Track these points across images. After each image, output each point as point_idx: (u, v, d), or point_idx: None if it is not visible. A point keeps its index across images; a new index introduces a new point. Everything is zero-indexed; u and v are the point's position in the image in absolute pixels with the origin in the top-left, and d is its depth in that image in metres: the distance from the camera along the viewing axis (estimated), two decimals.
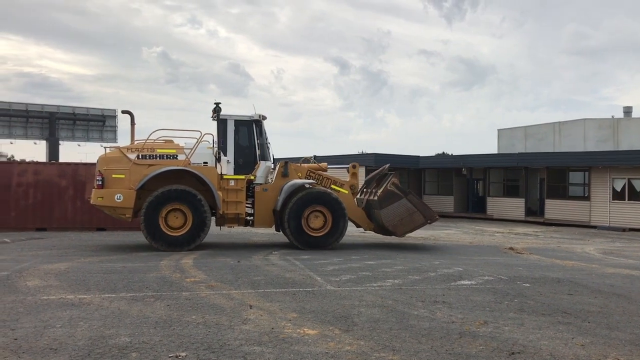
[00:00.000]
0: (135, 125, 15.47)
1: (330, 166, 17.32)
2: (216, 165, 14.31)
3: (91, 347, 5.48)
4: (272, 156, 15.45)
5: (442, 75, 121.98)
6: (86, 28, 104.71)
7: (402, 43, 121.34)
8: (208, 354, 5.37)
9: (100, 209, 14.51)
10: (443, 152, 60.63)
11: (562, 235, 21.82)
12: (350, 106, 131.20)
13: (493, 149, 43.43)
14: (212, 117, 14.93)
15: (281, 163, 15.23)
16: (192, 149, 14.08)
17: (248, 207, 14.76)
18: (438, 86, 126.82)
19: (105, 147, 15.00)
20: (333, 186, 15.50)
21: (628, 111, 43.11)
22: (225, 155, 14.64)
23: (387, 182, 15.27)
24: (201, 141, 14.20)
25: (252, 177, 14.79)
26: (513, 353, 5.64)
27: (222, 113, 14.84)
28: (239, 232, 19.07)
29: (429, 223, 15.75)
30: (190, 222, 13.59)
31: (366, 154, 33.72)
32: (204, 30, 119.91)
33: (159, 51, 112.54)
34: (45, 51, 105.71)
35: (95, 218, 18.60)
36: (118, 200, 13.48)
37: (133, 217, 14.01)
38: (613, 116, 39.56)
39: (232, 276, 9.93)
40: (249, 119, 15.00)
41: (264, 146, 15.09)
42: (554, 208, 27.23)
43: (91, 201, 14.02)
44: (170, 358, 5.25)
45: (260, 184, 14.85)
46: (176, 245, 13.50)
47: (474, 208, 31.69)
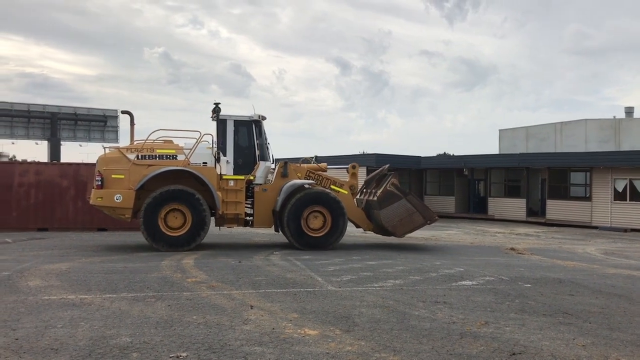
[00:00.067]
0: (134, 125, 15.48)
1: (329, 166, 17.32)
2: (216, 165, 14.32)
3: (92, 347, 5.49)
4: (272, 156, 15.45)
5: (444, 75, 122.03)
6: (88, 28, 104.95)
7: (404, 43, 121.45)
8: (209, 354, 5.37)
9: (100, 209, 14.53)
10: (444, 153, 60.67)
11: (564, 235, 21.81)
12: (351, 107, 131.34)
13: (494, 150, 43.44)
14: (212, 118, 14.93)
15: (280, 163, 15.24)
16: (192, 149, 14.09)
17: (247, 208, 14.76)
18: (439, 87, 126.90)
19: (104, 148, 15.01)
20: (332, 186, 15.49)
21: (630, 112, 43.06)
22: (224, 155, 14.63)
23: (387, 183, 15.27)
24: (200, 141, 14.21)
25: (252, 178, 14.80)
26: (514, 354, 5.64)
27: (222, 113, 14.83)
28: (240, 233, 19.08)
29: (429, 224, 15.75)
30: (189, 222, 13.60)
31: (367, 155, 33.70)
32: (206, 30, 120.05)
33: (161, 51, 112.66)
34: (46, 51, 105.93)
35: (96, 218, 18.62)
36: (117, 200, 13.49)
37: (132, 218, 14.02)
38: (615, 117, 39.51)
39: (233, 276, 9.94)
40: (249, 119, 15.01)
41: (264, 146, 15.09)
42: (556, 208, 27.22)
43: (90, 201, 14.04)
44: (171, 358, 5.25)
45: (259, 184, 14.85)
46: (176, 245, 13.50)
47: (475, 208, 31.67)
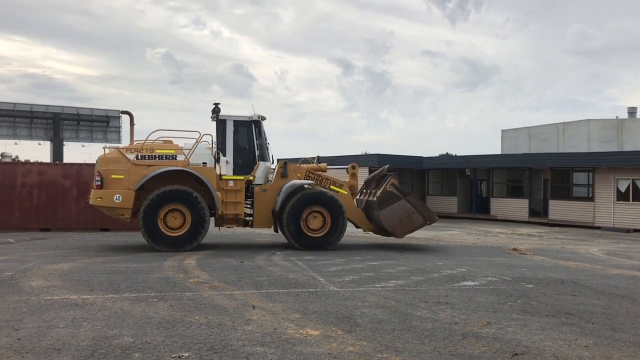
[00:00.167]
0: (134, 125, 15.52)
1: (330, 167, 17.31)
2: (215, 165, 14.30)
3: (94, 348, 5.50)
4: (272, 157, 15.44)
5: (446, 75, 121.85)
6: (90, 29, 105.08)
7: (406, 44, 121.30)
8: (211, 355, 5.37)
9: (100, 210, 14.51)
10: (447, 153, 60.56)
11: (566, 236, 21.77)
12: (353, 107, 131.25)
13: (497, 150, 43.38)
14: (211, 118, 14.92)
15: (280, 164, 15.22)
16: (191, 150, 14.08)
17: (247, 208, 14.75)
18: (442, 87, 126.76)
19: (104, 148, 15.01)
20: (332, 187, 15.48)
21: (632, 112, 42.97)
22: (224, 155, 14.63)
23: (386, 183, 15.25)
24: (200, 142, 14.20)
25: (251, 178, 14.79)
26: (516, 354, 5.63)
27: (221, 113, 14.82)
28: (242, 233, 19.09)
29: (428, 224, 15.72)
30: (189, 222, 13.58)
31: (369, 155, 33.64)
32: (208, 31, 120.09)
33: (163, 52, 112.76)
34: (49, 52, 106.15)
35: (98, 218, 18.63)
36: (117, 200, 13.49)
37: (132, 218, 14.00)
38: (617, 117, 39.43)
39: (235, 277, 9.94)
40: (248, 120, 15.00)
41: (263, 147, 15.08)
42: (558, 209, 27.17)
43: (90, 201, 14.02)
44: (173, 358, 5.25)
45: (259, 185, 14.85)
46: (175, 245, 13.48)
47: (478, 209, 31.63)
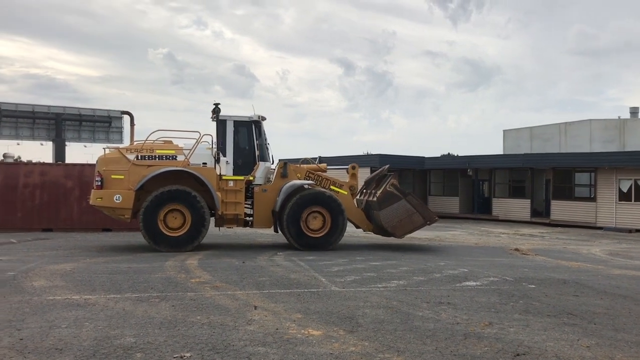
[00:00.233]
0: (134, 126, 15.50)
1: (331, 167, 17.29)
2: (215, 166, 14.30)
3: (96, 348, 5.51)
4: (272, 157, 15.43)
5: (448, 76, 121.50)
6: (92, 29, 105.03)
7: (407, 44, 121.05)
8: (213, 355, 5.38)
9: (100, 210, 14.47)
10: (449, 153, 60.45)
11: (568, 236, 21.74)
12: (355, 107, 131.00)
13: (498, 150, 43.33)
14: (212, 118, 14.92)
15: (280, 164, 15.21)
16: (191, 150, 14.08)
17: (247, 208, 14.74)
18: (443, 87, 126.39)
19: (104, 148, 15.01)
20: (332, 187, 15.46)
21: (634, 112, 42.87)
22: (224, 156, 14.62)
23: (386, 183, 15.22)
24: (200, 142, 14.20)
25: (251, 178, 14.78)
26: (518, 354, 5.62)
27: (222, 114, 14.81)
28: (244, 233, 19.09)
29: (428, 224, 15.70)
30: (189, 222, 13.57)
31: (371, 155, 33.65)
32: (209, 31, 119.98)
33: (165, 52, 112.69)
34: (51, 52, 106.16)
35: (101, 219, 18.60)
36: (117, 201, 13.48)
37: (132, 218, 14.00)
38: (619, 117, 39.39)
39: (237, 277, 9.95)
40: (248, 120, 14.99)
41: (263, 147, 15.06)
42: (560, 209, 27.13)
43: (90, 202, 14.02)
44: (175, 358, 5.26)
45: (259, 185, 14.85)
46: (175, 245, 13.47)
47: (480, 209, 31.62)
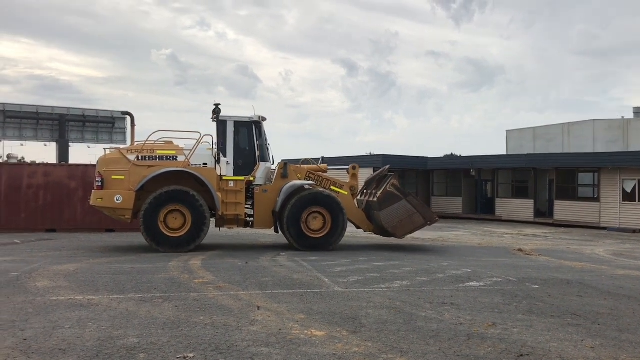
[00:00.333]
0: (135, 126, 15.52)
1: (332, 167, 17.26)
2: (216, 166, 14.29)
3: (100, 348, 5.51)
4: (272, 157, 15.42)
5: (450, 76, 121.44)
6: (96, 31, 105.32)
7: (410, 44, 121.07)
8: (216, 355, 5.38)
9: (100, 210, 14.44)
10: (452, 154, 60.46)
11: (572, 236, 21.68)
12: (358, 108, 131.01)
13: (501, 150, 43.28)
14: (212, 119, 14.91)
15: (280, 164, 15.19)
16: (192, 150, 14.08)
17: (248, 209, 14.74)
18: (446, 87, 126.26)
19: (105, 149, 15.03)
20: (333, 187, 15.42)
21: (638, 112, 42.78)
22: (224, 156, 14.62)
23: (387, 184, 15.20)
24: (201, 142, 14.21)
25: (252, 179, 14.77)
26: (522, 355, 5.61)
27: (222, 114, 14.81)
28: (247, 234, 19.10)
29: (429, 224, 15.67)
30: (189, 223, 13.56)
31: (374, 156, 33.63)
32: (213, 32, 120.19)
33: (168, 53, 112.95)
34: (55, 54, 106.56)
35: (104, 219, 18.58)
36: (117, 201, 13.49)
37: (133, 219, 14.01)
38: (623, 117, 39.29)
39: (240, 277, 9.95)
40: (249, 120, 14.99)
41: (264, 147, 15.06)
42: (563, 209, 27.07)
43: (91, 202, 14.02)
44: (178, 359, 5.26)
45: (259, 185, 14.84)
46: (176, 246, 13.46)
47: (483, 209, 31.55)
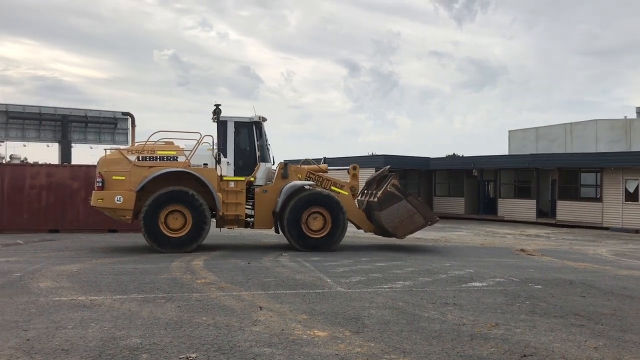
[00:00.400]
0: (135, 127, 15.52)
1: (333, 168, 17.23)
2: (216, 166, 14.30)
3: (102, 348, 5.51)
4: (272, 158, 15.41)
5: (453, 76, 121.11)
6: (98, 31, 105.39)
7: (412, 44, 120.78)
8: (218, 355, 5.38)
9: (101, 211, 14.40)
10: (454, 154, 60.40)
11: (574, 236, 21.65)
12: (360, 108, 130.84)
13: (504, 151, 43.25)
14: (212, 119, 14.91)
15: (280, 164, 15.18)
16: (192, 151, 14.09)
17: (248, 209, 14.75)
18: (448, 87, 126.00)
19: (105, 149, 15.05)
20: (333, 188, 15.40)
21: None
22: (225, 156, 14.63)
23: (387, 184, 15.20)
24: (201, 143, 14.21)
25: (252, 179, 14.77)
26: (525, 355, 5.59)
27: (222, 115, 14.81)
28: (249, 234, 19.10)
29: (429, 224, 15.66)
30: (189, 223, 13.56)
31: (376, 156, 33.62)
32: (215, 33, 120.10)
33: (170, 54, 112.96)
34: (57, 54, 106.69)
35: (107, 220, 18.56)
36: (118, 202, 13.49)
37: (133, 219, 14.01)
38: (626, 117, 39.21)
39: (243, 277, 9.95)
40: (249, 121, 14.99)
41: (264, 147, 15.05)
42: (566, 209, 27.03)
43: (91, 203, 14.01)
44: (180, 359, 5.26)
45: (260, 186, 14.84)
46: (177, 246, 13.47)
47: (485, 210, 31.52)
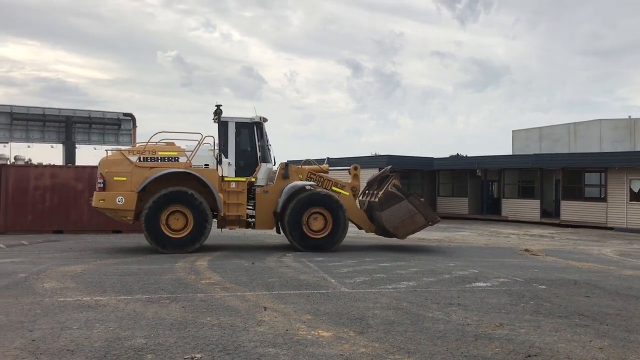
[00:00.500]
0: (137, 127, 15.52)
1: (334, 168, 17.20)
2: (217, 167, 14.31)
3: (107, 349, 5.53)
4: (274, 158, 15.42)
5: (455, 76, 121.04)
6: (101, 32, 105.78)
7: (415, 45, 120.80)
8: (223, 356, 5.38)
9: (103, 212, 14.40)
10: (457, 154, 60.37)
11: (579, 236, 21.59)
12: (363, 108, 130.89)
13: (507, 151, 43.17)
14: (213, 120, 14.92)
15: (281, 165, 15.17)
16: (193, 152, 14.10)
17: (249, 209, 14.76)
18: (451, 87, 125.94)
19: (106, 150, 15.08)
20: (334, 188, 15.38)
21: None
22: (226, 157, 14.63)
23: (388, 184, 15.19)
24: (202, 143, 14.22)
25: (253, 179, 14.77)
26: (529, 356, 5.59)
27: (224, 115, 14.81)
28: (253, 234, 19.11)
29: (430, 225, 15.63)
30: (191, 224, 13.58)
31: (380, 156, 33.60)
32: (218, 33, 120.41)
33: (174, 55, 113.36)
34: (61, 56, 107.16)
35: (110, 221, 18.60)
36: (119, 202, 13.49)
37: (134, 220, 14.03)
38: (630, 116, 39.09)
39: (247, 278, 9.96)
40: (250, 121, 14.98)
41: (265, 148, 15.04)
42: (570, 209, 26.96)
43: (93, 203, 14.02)
44: (185, 359, 5.27)
45: (261, 186, 14.84)
46: (178, 246, 13.47)
47: (489, 210, 31.48)
